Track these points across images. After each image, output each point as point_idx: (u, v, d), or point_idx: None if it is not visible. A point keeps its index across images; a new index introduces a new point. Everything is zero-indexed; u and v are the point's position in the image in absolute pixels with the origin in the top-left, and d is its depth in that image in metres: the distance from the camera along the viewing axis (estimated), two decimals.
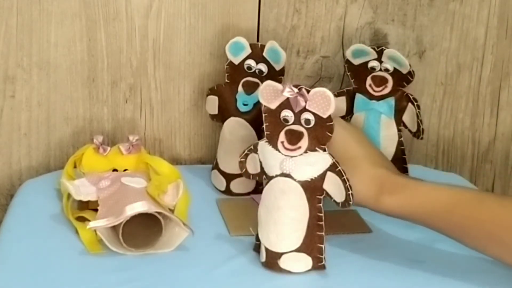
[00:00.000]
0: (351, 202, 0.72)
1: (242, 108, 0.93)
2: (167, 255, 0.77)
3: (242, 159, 0.78)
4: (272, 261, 0.74)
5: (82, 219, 0.81)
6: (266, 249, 0.74)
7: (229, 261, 0.76)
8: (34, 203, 0.88)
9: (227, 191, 0.93)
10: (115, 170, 0.90)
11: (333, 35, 1.03)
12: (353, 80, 0.94)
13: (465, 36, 1.06)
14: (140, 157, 0.92)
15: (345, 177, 0.72)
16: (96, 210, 0.81)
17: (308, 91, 0.72)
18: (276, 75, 0.93)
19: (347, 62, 0.95)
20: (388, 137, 0.91)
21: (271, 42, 0.93)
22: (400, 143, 0.92)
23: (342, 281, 0.74)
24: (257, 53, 0.93)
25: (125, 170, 0.90)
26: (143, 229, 0.77)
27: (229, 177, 0.93)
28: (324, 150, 0.73)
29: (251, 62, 0.93)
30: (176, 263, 0.76)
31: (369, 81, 0.92)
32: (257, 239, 0.77)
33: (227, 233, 0.83)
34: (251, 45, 0.94)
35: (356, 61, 0.94)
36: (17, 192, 0.93)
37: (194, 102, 1.03)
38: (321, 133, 0.73)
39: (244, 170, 0.78)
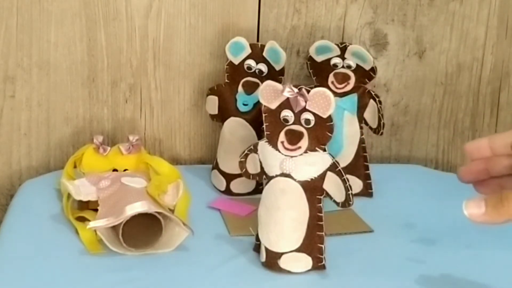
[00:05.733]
0: (351, 202, 0.72)
1: (242, 108, 0.93)
2: (167, 255, 0.77)
3: (242, 159, 0.78)
4: (272, 261, 0.74)
5: (82, 219, 0.81)
6: (266, 249, 0.74)
7: (229, 261, 0.76)
8: (34, 203, 0.88)
9: (227, 191, 0.93)
10: (115, 170, 0.90)
11: (333, 35, 1.03)
12: (315, 78, 0.94)
13: (465, 36, 1.06)
14: (140, 157, 0.92)
15: (345, 177, 0.72)
16: (96, 210, 0.81)
17: (308, 91, 0.72)
18: (276, 75, 0.93)
19: (310, 59, 0.95)
20: (350, 134, 0.92)
21: (271, 42, 0.93)
22: (361, 141, 0.93)
23: (342, 281, 0.74)
24: (257, 53, 0.93)
25: (125, 170, 0.90)
26: (143, 229, 0.77)
27: (229, 177, 0.93)
28: (324, 150, 0.73)
29: (251, 62, 0.93)
30: (176, 263, 0.76)
31: (331, 78, 0.92)
32: (257, 239, 0.77)
33: (227, 233, 0.83)
34: (251, 45, 0.94)
35: (319, 58, 0.94)
36: (17, 192, 0.93)
37: (194, 102, 1.03)
38: (321, 133, 0.73)
39: (244, 170, 0.78)
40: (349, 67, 0.93)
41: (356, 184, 0.92)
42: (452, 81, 1.07)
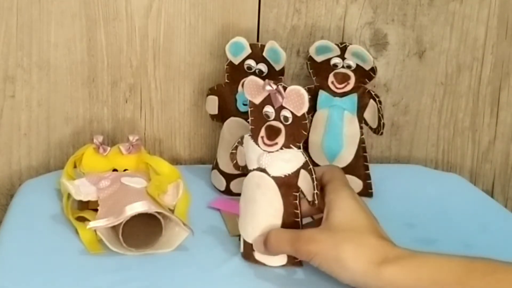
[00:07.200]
0: (316, 202, 0.71)
1: (242, 108, 0.93)
2: (167, 255, 0.77)
3: (233, 151, 0.79)
4: (248, 252, 0.75)
5: (82, 219, 0.82)
6: (244, 240, 0.75)
7: (229, 261, 0.76)
8: (34, 203, 0.88)
9: (227, 191, 0.94)
10: (115, 170, 0.90)
11: (333, 35, 1.03)
12: (315, 78, 0.95)
13: (465, 36, 1.06)
14: (140, 157, 0.92)
15: (314, 176, 0.71)
16: (96, 210, 0.81)
17: (285, 89, 0.72)
18: (276, 75, 0.93)
19: (310, 59, 0.95)
20: (350, 134, 0.92)
21: (271, 42, 0.93)
22: (361, 141, 0.93)
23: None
24: (257, 53, 0.93)
25: (125, 170, 0.90)
26: (143, 229, 0.77)
27: (229, 177, 0.93)
28: (299, 148, 0.73)
29: (251, 62, 0.93)
30: (176, 263, 0.76)
31: (331, 78, 0.92)
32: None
33: (227, 233, 0.83)
34: (251, 45, 0.94)
35: (319, 58, 0.94)
36: (17, 192, 0.93)
37: (194, 102, 1.03)
38: (297, 131, 0.72)
39: (234, 162, 0.79)
40: (349, 67, 0.93)
41: (356, 184, 0.92)
42: (452, 81, 1.07)
